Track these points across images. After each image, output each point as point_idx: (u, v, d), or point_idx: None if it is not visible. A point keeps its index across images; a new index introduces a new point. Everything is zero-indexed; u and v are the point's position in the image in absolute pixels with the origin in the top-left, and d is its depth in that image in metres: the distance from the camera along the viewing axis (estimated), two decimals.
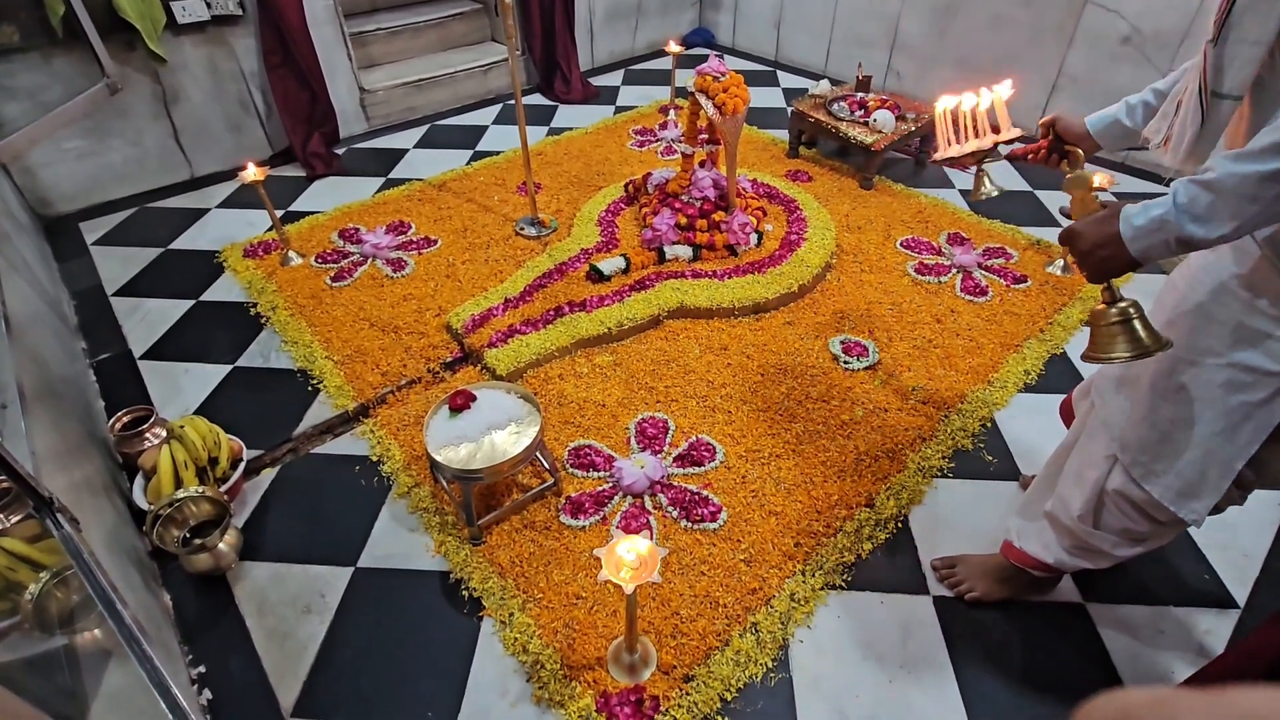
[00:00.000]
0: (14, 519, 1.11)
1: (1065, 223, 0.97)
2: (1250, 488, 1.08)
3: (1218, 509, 1.11)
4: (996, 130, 1.20)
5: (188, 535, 1.55)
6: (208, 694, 1.35)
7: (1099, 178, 2.40)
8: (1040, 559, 1.35)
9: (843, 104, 3.11)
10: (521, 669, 1.38)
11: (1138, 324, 0.91)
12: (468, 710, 1.32)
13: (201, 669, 1.39)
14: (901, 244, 2.62)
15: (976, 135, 1.20)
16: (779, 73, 4.33)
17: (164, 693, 0.82)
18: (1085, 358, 0.96)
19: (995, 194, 1.24)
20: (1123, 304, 0.92)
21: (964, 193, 3.00)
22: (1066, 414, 1.52)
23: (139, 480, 1.66)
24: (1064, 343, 2.18)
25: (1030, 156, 1.22)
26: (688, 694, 1.32)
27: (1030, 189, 3.02)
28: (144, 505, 1.60)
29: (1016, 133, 1.19)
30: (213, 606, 1.51)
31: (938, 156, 1.25)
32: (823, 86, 3.27)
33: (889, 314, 2.28)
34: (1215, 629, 1.45)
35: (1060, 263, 2.48)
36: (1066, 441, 1.37)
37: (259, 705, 1.34)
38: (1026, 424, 1.91)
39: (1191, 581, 1.54)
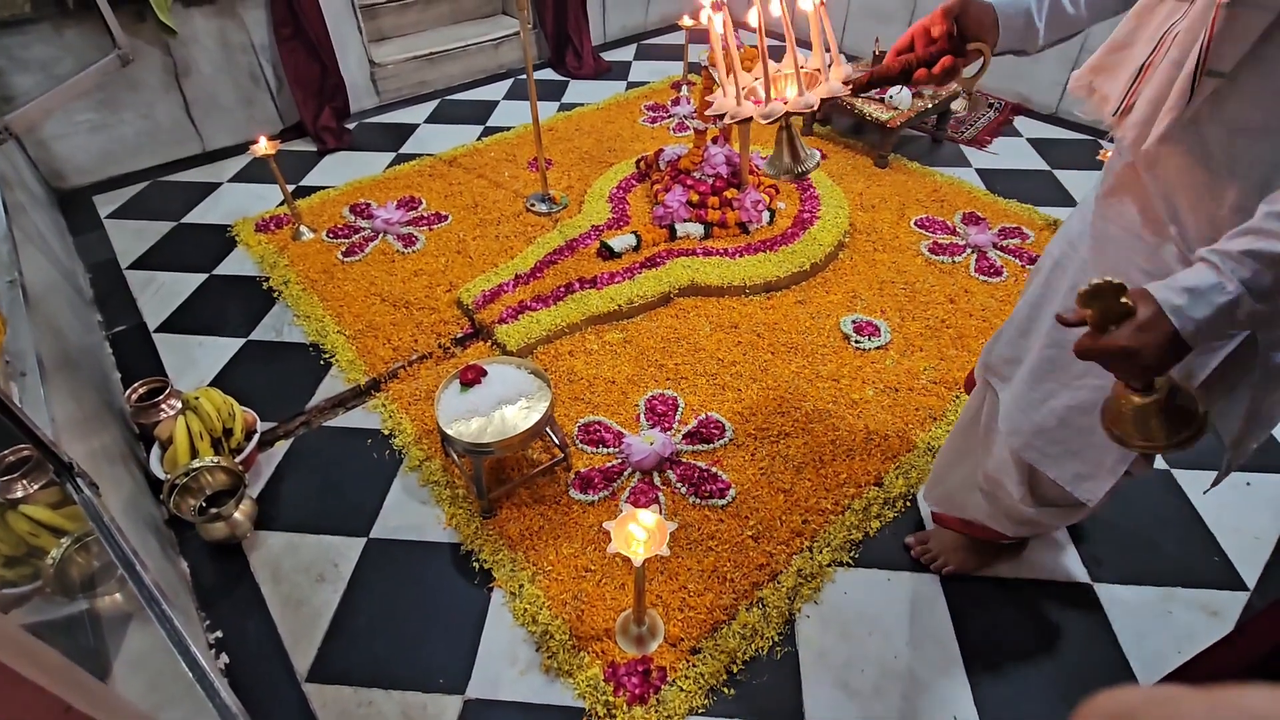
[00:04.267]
0: (35, 486, 1.14)
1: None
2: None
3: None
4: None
5: (204, 504, 1.57)
6: (225, 658, 1.39)
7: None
8: (999, 529, 1.35)
9: None
10: (531, 639, 1.40)
11: (1181, 402, 0.74)
12: (478, 677, 1.35)
13: (219, 634, 1.42)
14: (916, 223, 2.59)
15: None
16: None
17: (184, 652, 0.85)
18: (1110, 435, 0.78)
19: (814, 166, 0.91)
20: (1159, 386, 0.74)
21: (981, 172, 2.95)
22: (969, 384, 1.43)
23: (155, 450, 1.68)
24: None
25: (921, 70, 0.85)
26: (694, 665, 1.34)
27: (1049, 168, 2.97)
28: (160, 475, 1.63)
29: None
30: (229, 574, 1.53)
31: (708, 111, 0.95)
32: None
33: (902, 293, 2.26)
34: (1223, 611, 1.45)
35: None
36: (971, 406, 1.31)
37: (275, 669, 1.37)
38: None
39: (1201, 563, 1.54)
